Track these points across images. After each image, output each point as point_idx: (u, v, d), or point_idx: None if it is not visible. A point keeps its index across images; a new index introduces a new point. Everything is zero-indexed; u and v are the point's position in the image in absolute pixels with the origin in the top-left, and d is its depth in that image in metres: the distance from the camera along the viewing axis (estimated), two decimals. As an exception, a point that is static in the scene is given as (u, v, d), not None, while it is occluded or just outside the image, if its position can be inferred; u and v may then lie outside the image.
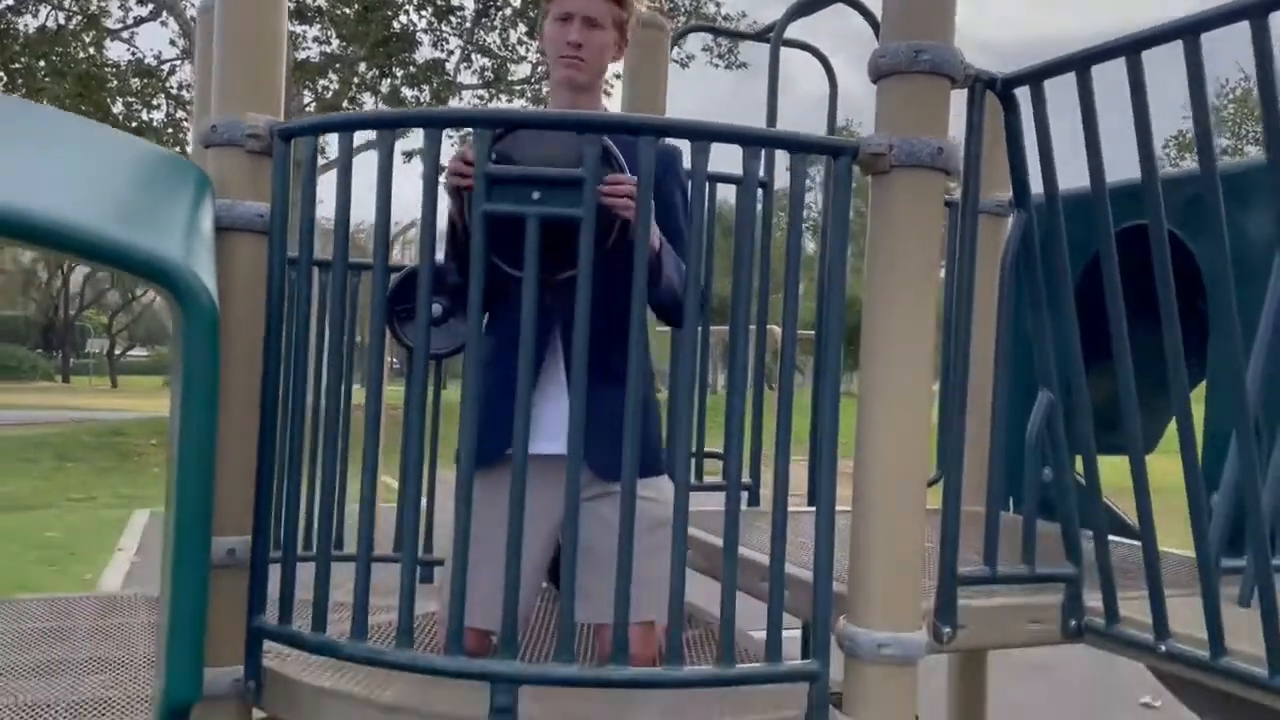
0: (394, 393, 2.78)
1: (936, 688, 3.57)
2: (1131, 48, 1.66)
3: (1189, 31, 1.57)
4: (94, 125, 2.14)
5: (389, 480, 2.64)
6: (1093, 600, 2.05)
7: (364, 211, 1.99)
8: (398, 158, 1.95)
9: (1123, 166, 2.01)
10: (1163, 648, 1.88)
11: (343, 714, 1.87)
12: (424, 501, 2.78)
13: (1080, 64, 1.79)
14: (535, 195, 1.74)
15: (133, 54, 18.29)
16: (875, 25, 3.21)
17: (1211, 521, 2.15)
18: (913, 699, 1.82)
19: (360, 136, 1.99)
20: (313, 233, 1.96)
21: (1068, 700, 5.74)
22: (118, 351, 52.72)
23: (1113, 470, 2.11)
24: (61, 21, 17.53)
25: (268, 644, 1.95)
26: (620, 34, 2.20)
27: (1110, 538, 2.05)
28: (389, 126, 1.86)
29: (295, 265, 2.04)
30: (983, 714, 3.53)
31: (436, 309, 2.55)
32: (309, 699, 1.88)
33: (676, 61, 15.72)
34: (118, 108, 17.70)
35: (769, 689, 1.89)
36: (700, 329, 3.05)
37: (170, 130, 18.01)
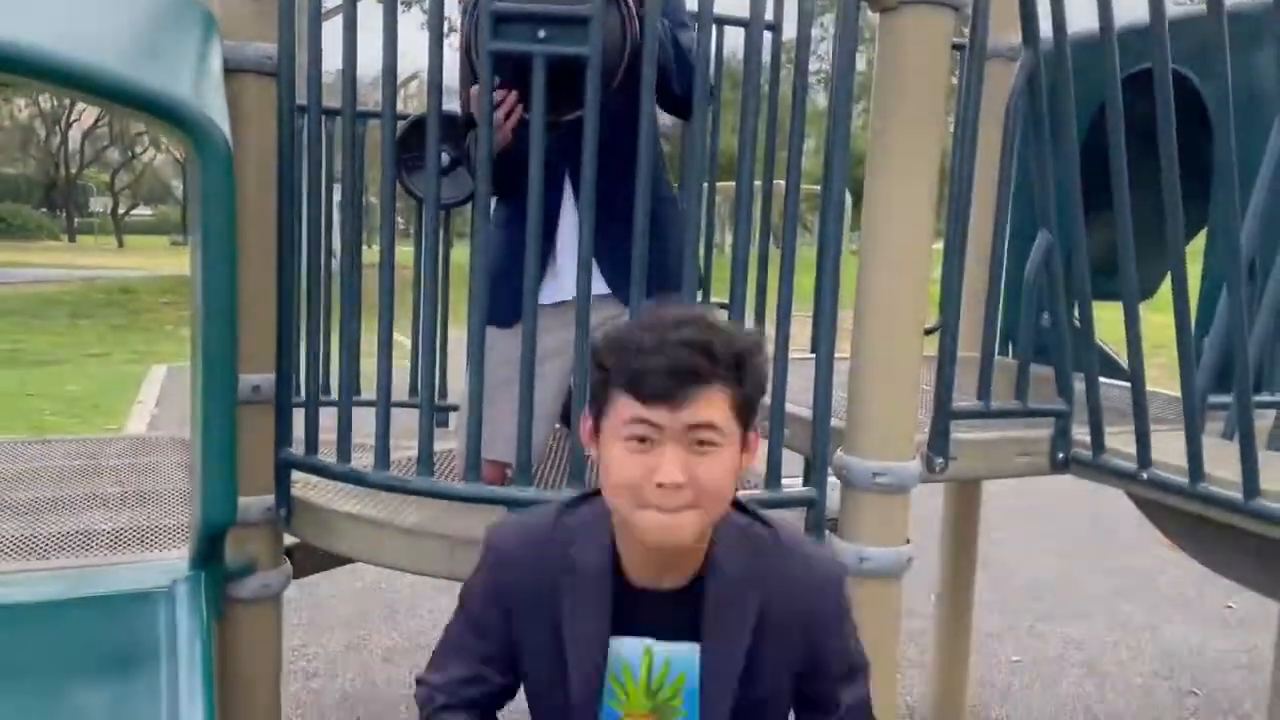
0: (402, 253, 2.82)
1: (933, 533, 3.74)
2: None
3: None
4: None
5: (400, 338, 2.71)
6: (1080, 434, 2.14)
7: (368, 61, 1.99)
8: (399, 5, 1.93)
9: (1140, 6, 1.99)
10: (1145, 475, 1.97)
11: (367, 536, 1.99)
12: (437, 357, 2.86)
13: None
14: (541, 34, 1.74)
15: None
16: None
17: (1202, 357, 2.22)
18: (905, 524, 1.93)
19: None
20: (319, 79, 1.97)
21: (1059, 540, 5.97)
22: (121, 210, 52.45)
23: (1113, 325, 2.15)
24: None
25: (295, 474, 2.06)
26: None
27: (1101, 379, 2.13)
28: (393, -36, 1.84)
29: (304, 113, 2.06)
30: (974, 550, 3.69)
31: (444, 158, 2.57)
32: (336, 523, 2.00)
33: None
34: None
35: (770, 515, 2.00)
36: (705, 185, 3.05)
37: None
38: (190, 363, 1.85)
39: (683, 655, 1.32)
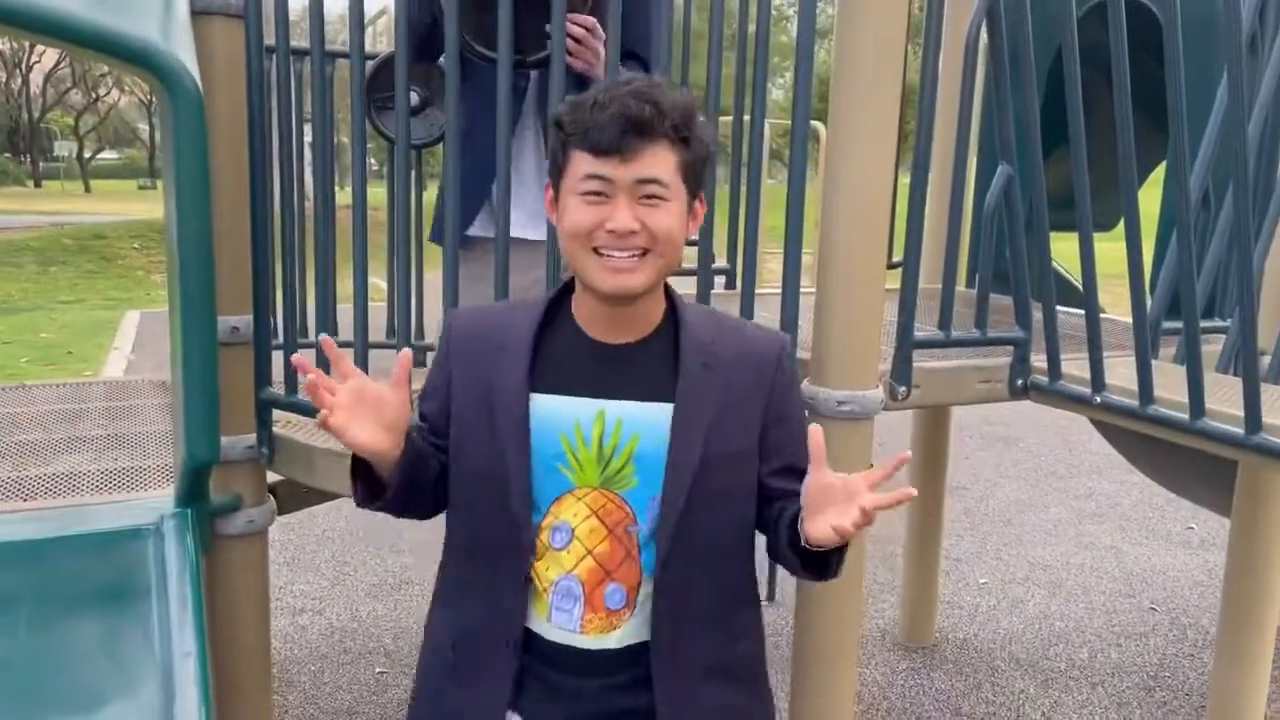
0: (374, 194, 2.83)
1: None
2: None
3: None
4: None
5: (377, 281, 2.74)
6: (1039, 362, 2.21)
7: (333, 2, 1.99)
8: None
9: None
10: (1098, 399, 2.05)
11: (348, 472, 2.03)
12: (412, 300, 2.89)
13: None
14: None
15: None
16: None
17: (1156, 287, 2.29)
18: (868, 451, 2.00)
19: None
20: (287, 22, 1.97)
21: (1027, 466, 6.11)
22: (87, 155, 51.48)
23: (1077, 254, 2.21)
24: None
25: (276, 413, 2.11)
26: None
27: (1059, 308, 2.20)
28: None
29: (272, 54, 2.07)
30: (943, 473, 3.80)
31: (414, 98, 2.57)
32: (318, 459, 2.05)
33: None
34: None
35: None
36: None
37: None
38: (168, 306, 1.87)
39: (637, 415, 1.37)
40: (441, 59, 2.18)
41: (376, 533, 4.71)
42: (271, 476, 2.23)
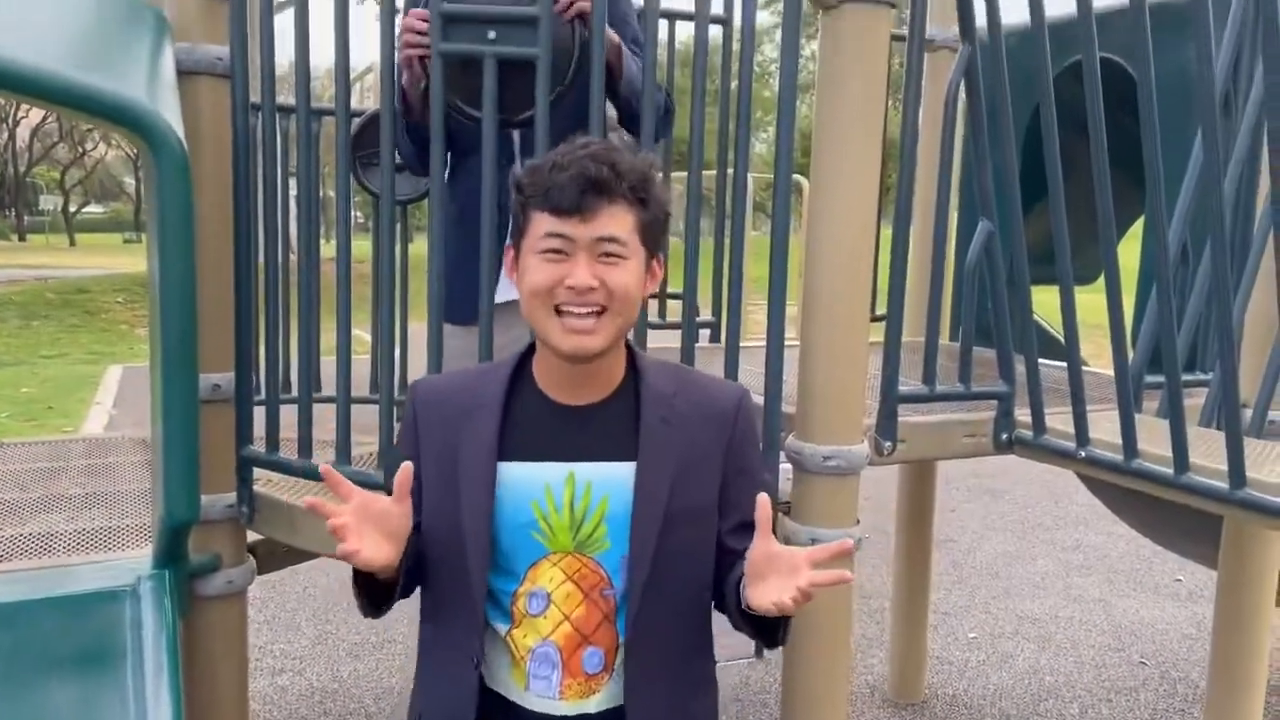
0: (359, 247, 2.84)
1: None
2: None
3: None
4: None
5: (361, 334, 2.73)
6: (1023, 416, 2.22)
7: (320, 55, 2.01)
8: (352, -1, 1.96)
9: None
10: (1082, 454, 2.05)
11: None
12: (396, 352, 2.89)
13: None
14: (491, 35, 1.78)
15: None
16: None
17: (1137, 341, 2.31)
18: (854, 505, 1.99)
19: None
20: (274, 79, 1.99)
21: (1014, 518, 6.10)
22: (73, 209, 51.53)
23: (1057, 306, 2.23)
24: None
25: (257, 471, 2.09)
26: None
27: (1041, 360, 2.21)
28: (344, -34, 1.87)
29: (258, 111, 2.08)
30: (930, 527, 3.78)
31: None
32: (300, 519, 2.03)
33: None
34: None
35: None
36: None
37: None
38: (150, 362, 1.86)
39: (606, 475, 1.37)
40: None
41: (359, 590, 4.64)
42: (251, 535, 2.21)
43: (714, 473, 1.41)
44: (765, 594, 1.24)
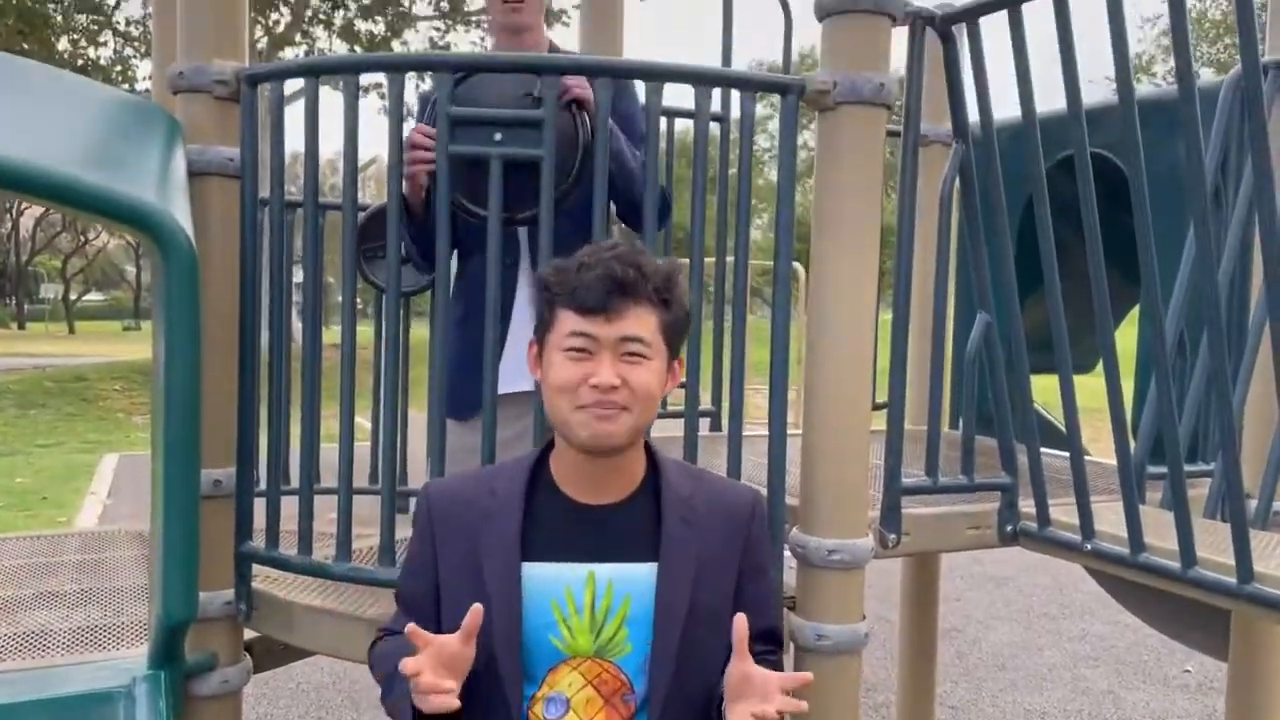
0: (360, 333, 2.85)
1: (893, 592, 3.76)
2: (1058, -13, 1.76)
3: (1109, -28, 1.67)
4: (63, 74, 2.17)
5: (360, 421, 2.73)
6: (1027, 507, 2.21)
7: (327, 146, 2.05)
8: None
9: (1091, 89, 2.10)
10: (1088, 547, 2.04)
11: (329, 629, 1.99)
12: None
13: (1013, 1, 1.88)
14: (497, 137, 1.82)
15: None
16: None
17: (1138, 431, 2.31)
18: (860, 599, 1.97)
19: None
20: (283, 176, 2.03)
21: (1020, 607, 6.02)
22: (73, 297, 51.88)
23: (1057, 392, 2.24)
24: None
25: (255, 568, 2.07)
26: None
27: (1044, 450, 2.21)
28: (354, 71, 1.92)
29: (266, 206, 2.11)
30: (934, 617, 3.73)
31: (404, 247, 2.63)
32: (298, 617, 2.00)
33: (634, -10, 15.52)
34: (62, 45, 17.24)
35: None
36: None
37: (119, 68, 17.58)
38: (151, 456, 1.86)
39: (627, 575, 1.37)
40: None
41: (355, 687, 4.55)
42: (248, 632, 2.17)
43: (730, 574, 1.41)
44: (739, 716, 1.26)
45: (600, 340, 1.33)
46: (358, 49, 17.74)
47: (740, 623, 1.28)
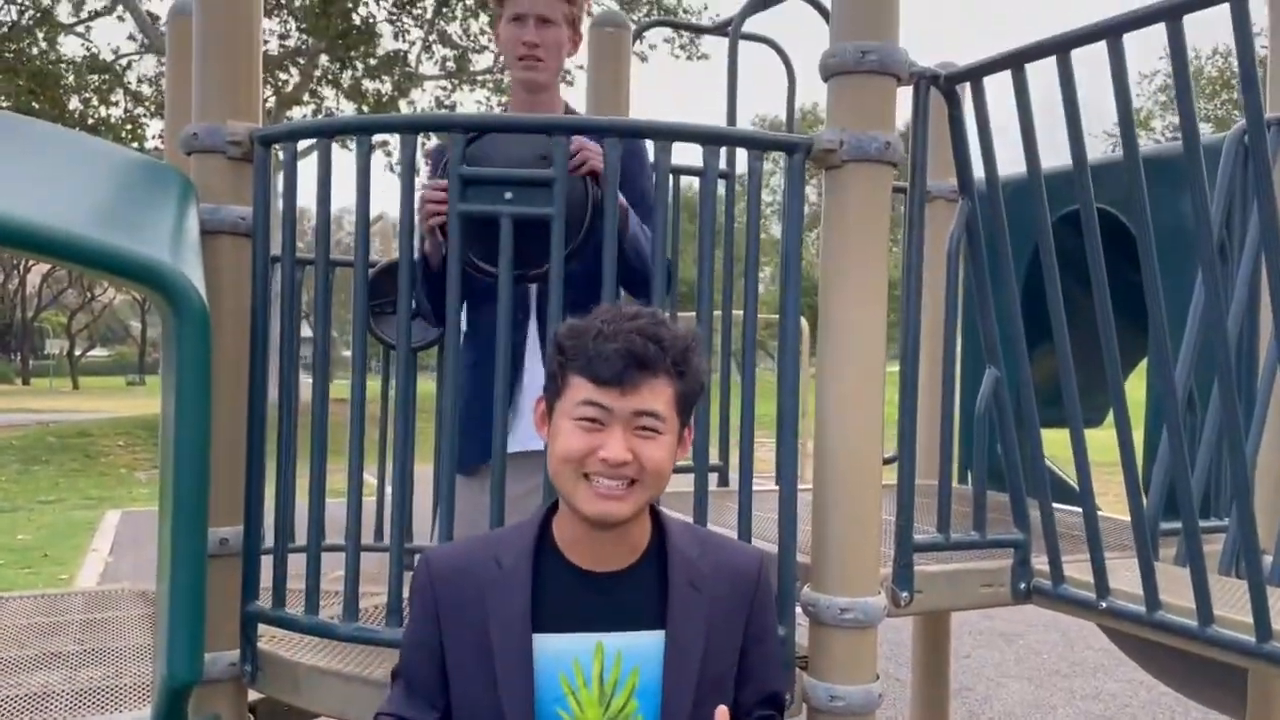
0: (367, 387, 2.86)
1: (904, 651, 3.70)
2: (1061, 47, 1.78)
3: (1112, 33, 1.69)
4: (79, 135, 2.21)
5: (367, 477, 2.72)
6: (1040, 564, 2.19)
7: (338, 201, 2.06)
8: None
9: (1093, 144, 2.12)
10: (1103, 605, 2.01)
11: (336, 691, 1.96)
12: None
13: (1015, 61, 1.90)
14: (508, 195, 1.83)
15: (88, 49, 18.07)
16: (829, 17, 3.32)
17: (1150, 488, 2.30)
18: (873, 659, 1.95)
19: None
20: (294, 235, 2.05)
21: (1031, 665, 5.93)
22: (78, 352, 52.05)
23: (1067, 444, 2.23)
24: (14, 17, 17.27)
25: (261, 628, 2.04)
26: (573, 30, 2.26)
27: (1055, 505, 2.19)
28: (366, 132, 1.94)
29: (277, 263, 2.13)
30: (946, 676, 3.67)
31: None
32: (304, 678, 1.98)
33: (637, 54, 15.78)
34: (73, 104, 17.50)
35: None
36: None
37: (129, 127, 17.82)
38: (159, 515, 1.85)
39: (635, 645, 1.34)
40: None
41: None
42: (252, 694, 2.14)
43: (736, 637, 1.39)
44: None
45: (613, 412, 1.31)
46: (365, 108, 17.99)
47: (721, 714, 1.25)
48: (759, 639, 1.42)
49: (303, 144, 2.07)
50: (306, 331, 2.33)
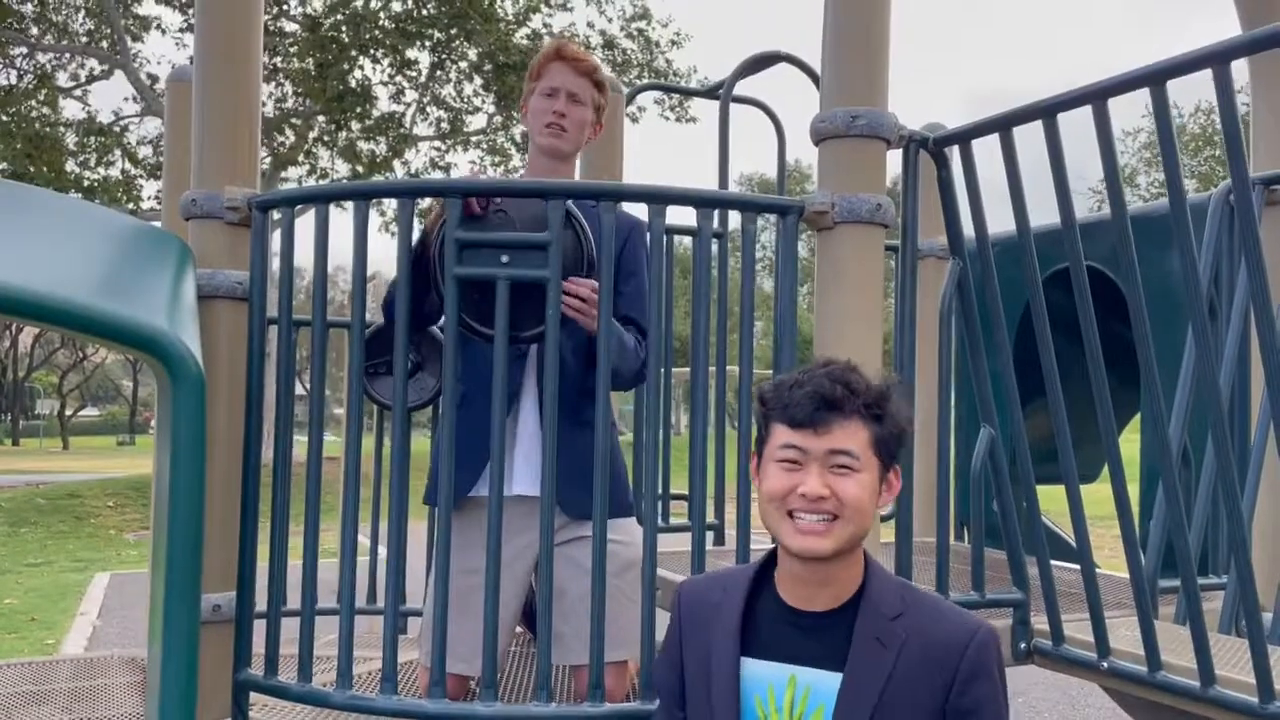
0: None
1: None
2: (1046, 112, 1.82)
3: (1096, 98, 1.73)
4: (77, 202, 2.22)
5: (359, 537, 2.70)
6: (1040, 622, 2.17)
7: (334, 259, 2.07)
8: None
9: (1080, 201, 2.15)
10: (1105, 665, 2.00)
11: (328, 761, 1.93)
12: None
13: (1003, 125, 1.94)
14: (504, 259, 1.85)
15: (87, 112, 18.26)
16: (818, 80, 3.38)
17: (1148, 545, 2.29)
18: None
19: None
20: (291, 298, 2.05)
21: (1032, 726, 5.85)
22: (69, 412, 51.82)
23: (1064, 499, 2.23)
24: (13, 81, 17.47)
25: (253, 696, 2.01)
26: (598, 116, 2.32)
27: (1054, 562, 2.18)
28: (363, 197, 1.96)
29: (273, 325, 2.13)
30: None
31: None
32: (296, 747, 1.95)
33: (629, 116, 16.02)
34: (70, 166, 17.63)
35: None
36: (663, 372, 3.16)
37: (125, 188, 17.94)
38: (151, 580, 1.83)
39: (825, 684, 1.43)
40: (433, 325, 2.27)
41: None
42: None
43: (927, 703, 1.40)
44: None
45: (809, 453, 1.41)
46: (359, 168, 18.14)
47: None
48: (969, 711, 1.41)
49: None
50: (301, 390, 2.33)
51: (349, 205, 1.97)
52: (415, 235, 2.01)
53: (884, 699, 1.38)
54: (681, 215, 2.48)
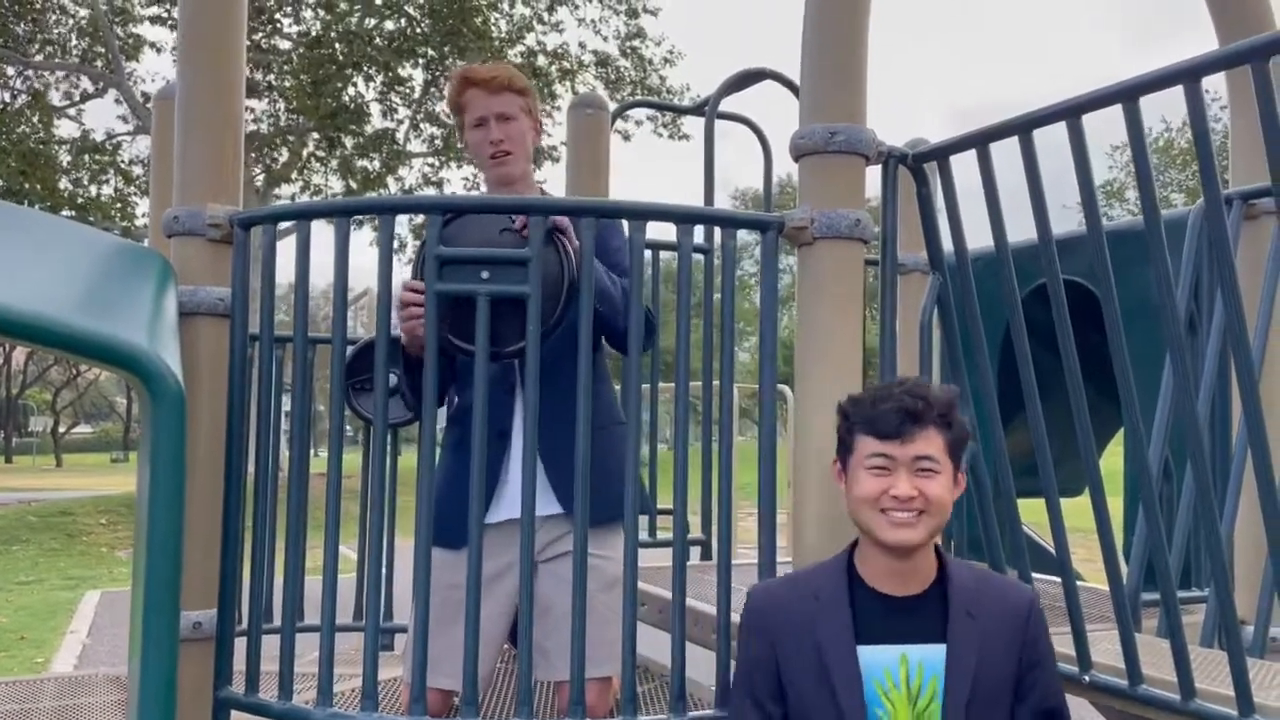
0: (349, 460, 2.84)
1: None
2: (1024, 128, 1.83)
3: (1071, 114, 1.74)
4: (58, 220, 2.23)
5: (347, 552, 2.70)
6: (1023, 637, 2.17)
7: (318, 276, 2.08)
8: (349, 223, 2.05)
9: (1069, 215, 2.16)
10: (1086, 679, 2.00)
11: (310, 779, 1.92)
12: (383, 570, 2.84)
13: (980, 141, 1.95)
14: (484, 275, 1.86)
15: (82, 130, 18.30)
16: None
17: (1129, 560, 2.29)
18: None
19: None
20: (273, 316, 2.06)
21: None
22: (62, 429, 51.67)
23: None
24: (7, 100, 17.49)
25: (234, 714, 2.01)
26: (532, 119, 2.33)
27: (1036, 575, 2.18)
28: (344, 215, 1.97)
29: (256, 342, 2.14)
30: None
31: (391, 379, 2.64)
32: (277, 765, 1.93)
33: (620, 133, 16.08)
34: (63, 184, 17.65)
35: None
36: (649, 386, 3.16)
37: (119, 205, 17.95)
38: (131, 598, 1.82)
39: (932, 656, 1.64)
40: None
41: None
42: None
43: (1008, 662, 1.66)
44: None
45: (897, 459, 1.63)
46: (353, 184, 18.18)
47: None
48: (1035, 663, 1.69)
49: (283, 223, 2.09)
50: (285, 405, 2.34)
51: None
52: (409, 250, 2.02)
53: (979, 660, 1.62)
54: (669, 231, 2.50)
